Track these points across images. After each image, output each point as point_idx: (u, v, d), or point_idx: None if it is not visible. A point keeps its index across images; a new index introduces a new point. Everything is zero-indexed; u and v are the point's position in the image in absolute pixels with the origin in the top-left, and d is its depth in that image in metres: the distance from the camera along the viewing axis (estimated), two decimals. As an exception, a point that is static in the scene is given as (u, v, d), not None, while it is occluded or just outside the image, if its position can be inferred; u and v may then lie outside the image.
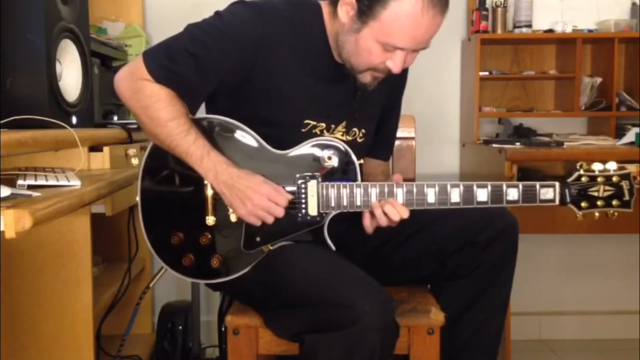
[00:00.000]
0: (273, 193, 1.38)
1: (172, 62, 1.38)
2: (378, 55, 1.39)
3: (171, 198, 1.46)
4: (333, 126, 1.51)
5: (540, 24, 2.67)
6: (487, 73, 2.64)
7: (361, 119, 1.55)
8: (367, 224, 1.45)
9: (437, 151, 2.80)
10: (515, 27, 2.64)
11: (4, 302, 1.58)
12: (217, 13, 1.43)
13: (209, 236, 1.44)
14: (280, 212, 1.39)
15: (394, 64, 1.39)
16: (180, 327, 2.30)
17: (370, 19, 1.35)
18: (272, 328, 1.43)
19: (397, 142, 2.04)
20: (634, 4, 2.71)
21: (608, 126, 2.63)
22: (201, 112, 1.50)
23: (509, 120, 2.63)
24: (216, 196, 1.42)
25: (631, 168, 1.44)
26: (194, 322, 2.29)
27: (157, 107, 1.37)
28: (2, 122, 1.35)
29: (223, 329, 2.03)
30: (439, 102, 2.80)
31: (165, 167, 1.45)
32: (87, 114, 1.76)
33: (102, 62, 2.14)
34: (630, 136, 2.43)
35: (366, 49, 1.38)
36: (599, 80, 2.65)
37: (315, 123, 1.48)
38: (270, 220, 1.39)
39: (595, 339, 2.85)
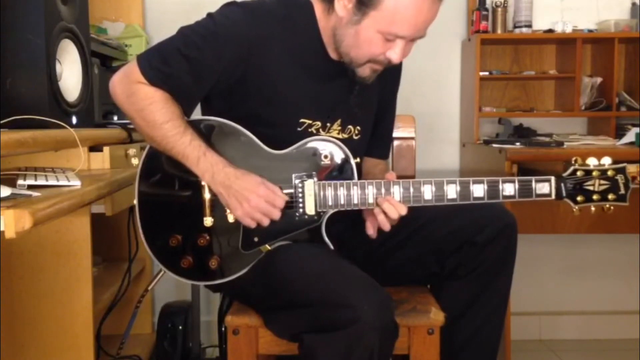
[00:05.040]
0: (270, 195, 1.38)
1: (165, 64, 1.38)
2: (379, 46, 1.39)
3: (169, 200, 1.46)
4: (328, 124, 1.51)
5: (540, 24, 2.68)
6: (487, 73, 2.64)
7: (356, 117, 1.55)
8: (371, 232, 1.46)
9: (437, 151, 2.80)
10: (515, 27, 2.64)
11: (4, 302, 1.58)
12: (209, 15, 1.43)
13: (207, 237, 1.44)
14: (276, 215, 1.39)
15: (395, 54, 1.40)
16: (180, 327, 2.30)
17: (370, 9, 1.35)
18: (271, 328, 1.43)
19: (397, 142, 2.04)
20: (634, 4, 2.71)
21: (608, 126, 2.63)
22: (197, 114, 1.50)
23: (509, 120, 2.64)
24: (214, 197, 1.42)
25: (631, 168, 1.44)
26: (194, 322, 2.29)
27: (152, 110, 1.38)
28: (2, 122, 1.35)
29: (223, 329, 2.03)
30: (439, 102, 2.80)
31: (162, 169, 1.45)
32: (87, 114, 1.76)
33: (102, 62, 2.14)
34: (630, 136, 2.42)
35: (367, 40, 1.39)
36: (599, 80, 2.66)
37: (310, 122, 1.48)
38: (265, 222, 1.40)
39: (595, 339, 2.85)
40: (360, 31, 1.38)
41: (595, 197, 1.43)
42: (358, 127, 1.56)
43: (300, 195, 1.42)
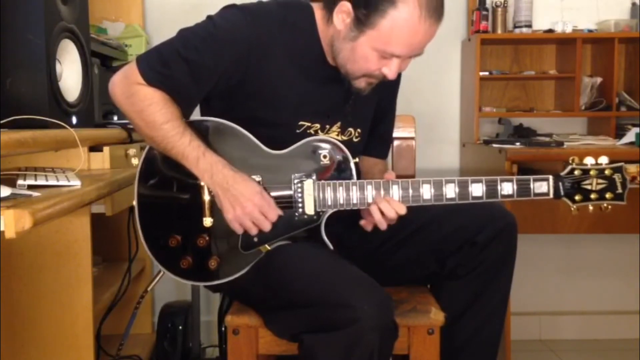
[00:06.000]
0: (265, 206, 1.38)
1: (165, 66, 1.38)
2: (374, 63, 1.40)
3: (168, 201, 1.46)
4: (328, 126, 1.51)
5: (540, 24, 2.68)
6: (487, 73, 2.64)
7: (356, 119, 1.55)
8: (364, 222, 1.45)
9: (437, 151, 2.80)
10: (515, 27, 2.64)
11: (4, 302, 1.59)
12: (209, 17, 1.43)
13: (207, 238, 1.44)
14: (267, 226, 1.40)
15: (390, 71, 1.41)
16: (180, 327, 2.30)
17: (367, 27, 1.35)
18: (271, 328, 1.43)
19: (397, 142, 2.05)
20: (634, 4, 2.71)
21: (608, 126, 2.63)
22: (196, 114, 1.50)
23: (509, 120, 2.64)
24: (213, 198, 1.42)
25: (631, 168, 1.44)
26: (194, 322, 2.30)
27: (152, 111, 1.38)
28: (2, 122, 1.35)
29: (223, 329, 2.03)
30: (439, 102, 2.80)
31: (161, 170, 1.45)
32: (87, 114, 1.76)
33: (102, 62, 2.14)
34: (630, 136, 2.43)
35: (363, 56, 1.39)
36: (599, 80, 2.66)
37: (309, 124, 1.49)
38: (254, 231, 1.40)
39: (595, 339, 2.85)
40: (357, 47, 1.38)
41: (593, 196, 1.43)
42: (358, 130, 1.56)
43: (299, 195, 1.43)
